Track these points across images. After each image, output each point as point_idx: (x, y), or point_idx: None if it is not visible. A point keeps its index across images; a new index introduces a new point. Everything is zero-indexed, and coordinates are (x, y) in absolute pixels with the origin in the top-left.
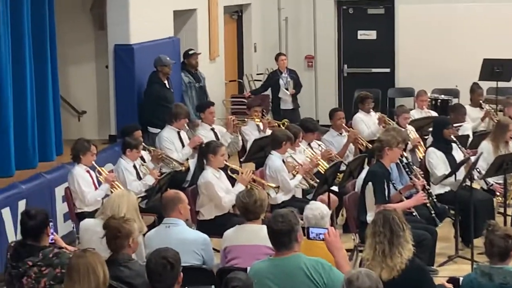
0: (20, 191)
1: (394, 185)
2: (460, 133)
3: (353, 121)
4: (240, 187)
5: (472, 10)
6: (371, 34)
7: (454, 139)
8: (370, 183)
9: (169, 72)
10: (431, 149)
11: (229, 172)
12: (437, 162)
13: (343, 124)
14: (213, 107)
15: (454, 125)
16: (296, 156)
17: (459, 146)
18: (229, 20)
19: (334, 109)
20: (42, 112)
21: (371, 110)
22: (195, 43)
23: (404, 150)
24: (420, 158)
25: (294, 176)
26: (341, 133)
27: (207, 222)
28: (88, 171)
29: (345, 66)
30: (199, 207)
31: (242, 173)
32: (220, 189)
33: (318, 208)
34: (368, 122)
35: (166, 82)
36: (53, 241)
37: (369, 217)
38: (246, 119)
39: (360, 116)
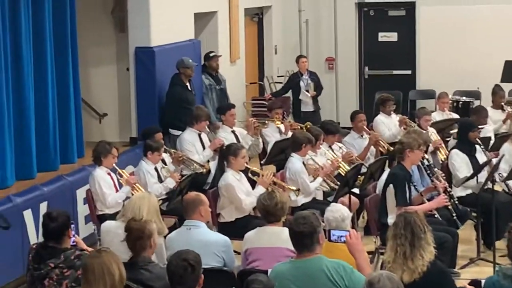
0: (42, 193)
1: (416, 187)
2: (481, 135)
3: (374, 123)
4: (260, 190)
5: (494, 11)
6: (392, 36)
7: (479, 141)
8: (391, 185)
9: (191, 74)
10: (455, 151)
11: (249, 174)
12: (460, 164)
13: (364, 127)
14: (234, 109)
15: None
16: (317, 159)
17: (483, 148)
18: (249, 22)
19: (355, 111)
20: (64, 115)
21: (392, 112)
22: (216, 45)
23: (426, 152)
24: (441, 160)
25: (315, 178)
26: (362, 136)
27: (228, 224)
28: (109, 174)
29: (366, 68)
30: (220, 209)
31: (262, 175)
32: (240, 192)
33: (339, 210)
34: (389, 124)
35: (188, 84)
36: (74, 243)
37: (390, 220)
38: (266, 121)
39: (381, 118)
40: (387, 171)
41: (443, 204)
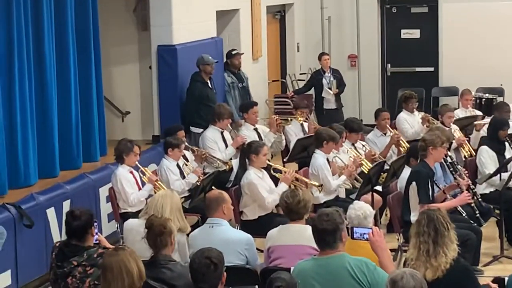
0: (65, 192)
1: (438, 184)
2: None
3: (397, 121)
4: (283, 187)
5: None
6: (415, 33)
7: (508, 140)
8: (414, 182)
9: (211, 71)
10: (484, 147)
11: (272, 171)
12: (488, 161)
13: (387, 125)
14: (257, 107)
15: None
16: (340, 156)
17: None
18: (272, 20)
19: (379, 109)
20: (86, 113)
21: (415, 109)
22: (238, 43)
23: (449, 149)
24: (464, 157)
25: (339, 176)
26: (385, 133)
27: (251, 222)
28: (131, 172)
29: (389, 65)
30: (242, 207)
31: (285, 172)
32: (263, 189)
33: (361, 208)
34: (412, 122)
35: (208, 81)
36: (97, 241)
37: (413, 217)
38: (289, 119)
39: (403, 115)
40: (407, 169)
41: (466, 201)
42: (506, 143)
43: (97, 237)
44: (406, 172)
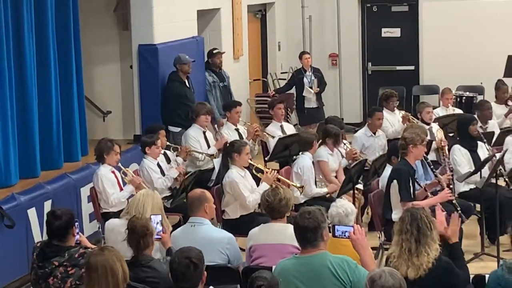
0: (46, 192)
1: (419, 182)
2: (488, 129)
3: None
4: (264, 186)
5: (497, 6)
6: (395, 32)
7: (480, 135)
8: (395, 181)
9: (188, 70)
10: (456, 146)
11: (253, 171)
12: (461, 159)
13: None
14: (240, 107)
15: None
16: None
17: (485, 142)
18: (252, 19)
19: (374, 108)
20: (67, 113)
21: (396, 108)
22: (219, 42)
23: (429, 150)
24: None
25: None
26: (374, 133)
27: (233, 221)
28: (113, 172)
29: (369, 64)
30: (224, 206)
31: (267, 172)
32: (245, 188)
33: (342, 206)
34: (392, 120)
35: (186, 80)
36: (78, 241)
37: (394, 215)
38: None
39: (384, 114)
40: (388, 167)
41: (447, 198)
42: (479, 141)
43: (78, 237)
44: (388, 170)
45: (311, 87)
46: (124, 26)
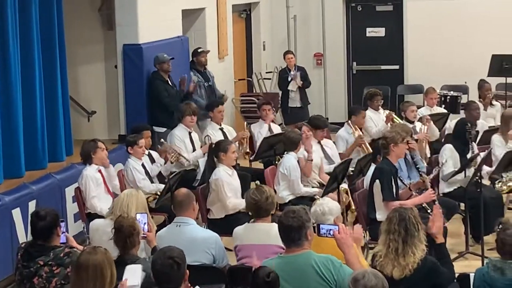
0: (30, 192)
1: (403, 181)
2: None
3: None
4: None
5: (481, 5)
6: (380, 31)
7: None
8: (377, 180)
9: (168, 68)
10: (449, 145)
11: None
12: (449, 160)
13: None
14: (222, 106)
15: None
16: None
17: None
18: (237, 18)
19: (358, 107)
20: (52, 113)
21: (380, 107)
22: (204, 42)
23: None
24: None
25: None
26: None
27: (218, 221)
28: (99, 171)
29: (354, 63)
30: (209, 205)
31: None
32: (229, 190)
33: (326, 203)
34: (376, 120)
35: (168, 79)
36: (65, 240)
37: (378, 215)
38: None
39: (369, 113)
40: (373, 166)
41: (431, 198)
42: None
43: (65, 236)
44: (372, 170)
45: (292, 80)
46: (109, 26)
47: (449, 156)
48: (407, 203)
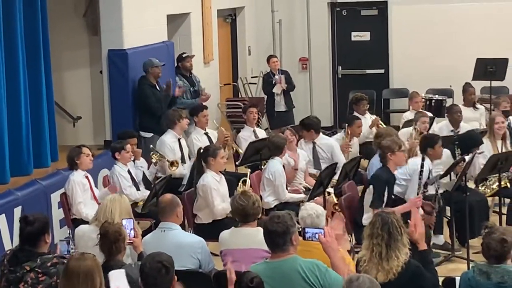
0: (16, 198)
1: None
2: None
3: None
4: None
5: (465, 10)
6: (365, 36)
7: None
8: (371, 186)
9: (159, 73)
10: (448, 152)
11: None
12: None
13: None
14: (206, 111)
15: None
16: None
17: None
18: (222, 23)
19: (353, 117)
20: (37, 119)
21: (367, 111)
22: (189, 47)
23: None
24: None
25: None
26: (350, 141)
27: (204, 226)
28: (86, 176)
29: (340, 67)
30: (196, 210)
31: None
32: (216, 196)
33: (313, 208)
34: (363, 125)
35: (156, 84)
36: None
37: (365, 220)
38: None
39: None
40: (374, 161)
41: (417, 205)
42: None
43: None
44: (376, 158)
45: (276, 83)
46: (94, 31)
47: (443, 161)
48: (394, 210)
